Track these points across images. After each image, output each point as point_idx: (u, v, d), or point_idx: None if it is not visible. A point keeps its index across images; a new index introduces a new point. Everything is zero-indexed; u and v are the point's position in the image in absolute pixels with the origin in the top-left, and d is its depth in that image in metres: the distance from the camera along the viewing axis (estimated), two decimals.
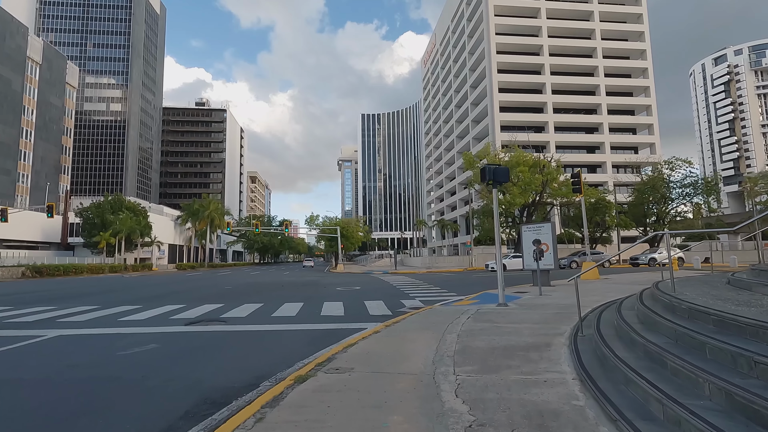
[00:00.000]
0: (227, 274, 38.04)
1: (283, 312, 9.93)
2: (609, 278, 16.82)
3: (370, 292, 15.18)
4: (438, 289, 15.83)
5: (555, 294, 11.55)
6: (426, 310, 9.16)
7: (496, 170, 9.45)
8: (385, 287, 17.48)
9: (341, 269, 44.79)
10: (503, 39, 64.84)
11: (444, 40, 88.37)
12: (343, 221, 52.00)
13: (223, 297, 14.22)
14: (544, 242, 14.06)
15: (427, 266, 44.01)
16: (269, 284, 20.92)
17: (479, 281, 19.79)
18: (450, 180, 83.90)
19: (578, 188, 16.56)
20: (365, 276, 29.80)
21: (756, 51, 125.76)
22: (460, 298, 12.39)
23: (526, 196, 33.84)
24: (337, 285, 19.50)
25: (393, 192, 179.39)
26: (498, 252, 9.44)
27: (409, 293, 14.39)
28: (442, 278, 23.05)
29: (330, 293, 15.04)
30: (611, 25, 66.93)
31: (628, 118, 66.79)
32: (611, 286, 13.29)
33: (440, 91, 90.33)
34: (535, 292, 12.19)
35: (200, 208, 57.39)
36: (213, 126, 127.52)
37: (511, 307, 8.98)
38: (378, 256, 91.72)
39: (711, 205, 38.18)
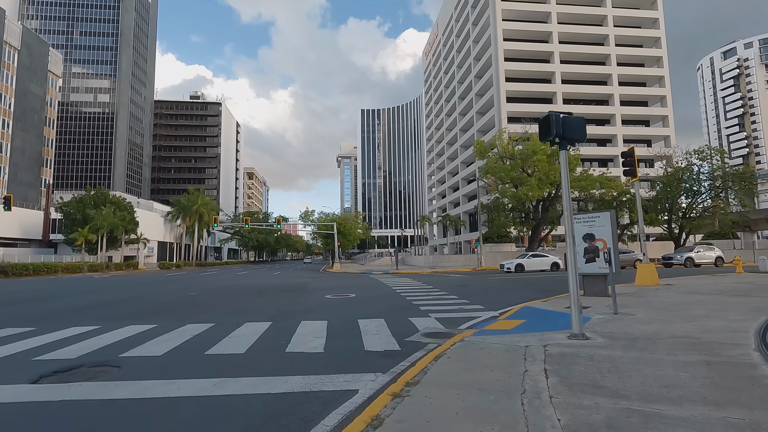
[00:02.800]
0: (211, 274, 34.54)
1: (229, 344, 6.40)
2: (672, 284, 13.32)
3: (368, 303, 11.67)
4: (454, 298, 12.32)
5: (635, 311, 8.03)
6: (456, 345, 5.65)
7: (567, 121, 5.94)
8: (387, 294, 13.96)
9: (338, 269, 41.30)
10: (510, 25, 61.31)
11: (447, 29, 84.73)
12: (340, 217, 48.40)
13: (168, 310, 10.71)
14: (599, 237, 10.52)
15: (431, 266, 40.52)
16: (246, 289, 17.40)
17: (501, 286, 16.28)
18: (453, 175, 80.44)
19: (632, 170, 13.07)
20: (363, 277, 26.30)
21: (766, 44, 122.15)
22: (492, 315, 8.89)
23: (543, 188, 30.33)
24: (328, 290, 15.98)
25: (393, 189, 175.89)
26: (570, 250, 5.92)
27: (418, 305, 10.88)
28: (453, 281, 19.53)
29: (315, 304, 11.52)
30: (624, 11, 63.39)
31: (642, 110, 63.33)
32: (700, 299, 9.76)
33: (443, 83, 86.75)
34: (599, 307, 8.68)
35: (188, 203, 53.78)
36: (208, 120, 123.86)
37: (598, 342, 5.48)
38: (378, 254, 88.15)
39: (744, 201, 34.68)
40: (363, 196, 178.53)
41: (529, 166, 30.92)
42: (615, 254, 10.17)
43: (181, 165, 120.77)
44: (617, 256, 10.25)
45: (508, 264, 25.85)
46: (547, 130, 5.99)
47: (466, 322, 8.14)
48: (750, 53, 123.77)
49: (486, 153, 33.15)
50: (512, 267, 25.27)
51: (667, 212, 35.66)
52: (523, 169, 31.37)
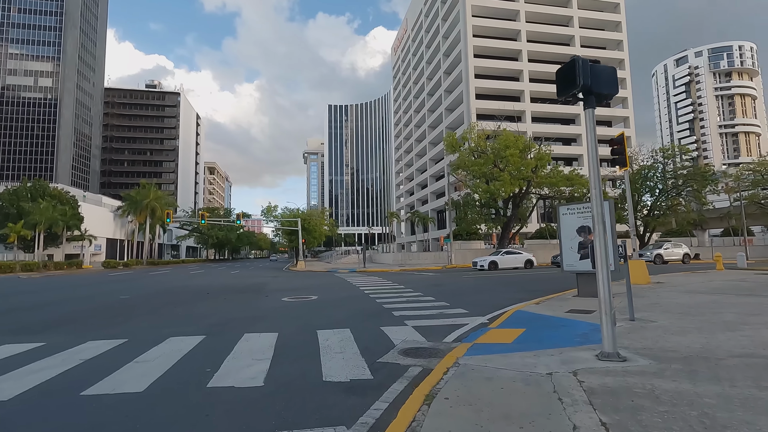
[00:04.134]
0: (161, 273, 31.57)
1: (129, 375, 4.54)
2: (662, 282, 12.41)
3: (332, 307, 9.95)
4: (431, 300, 10.80)
5: (652, 316, 6.75)
6: (452, 374, 4.08)
7: (597, 70, 4.49)
8: (354, 297, 12.28)
9: (302, 267, 39.13)
10: (480, 22, 60.94)
11: (416, 25, 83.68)
12: (305, 213, 46.03)
13: (76, 321, 8.57)
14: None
15: (399, 263, 39.12)
16: (192, 291, 15.21)
17: (480, 286, 14.97)
18: (421, 172, 79.63)
19: (622, 159, 12.03)
20: (328, 276, 24.47)
21: (715, 53, 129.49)
22: (480, 323, 7.39)
23: (515, 183, 29.55)
24: (287, 291, 14.11)
25: (361, 186, 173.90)
26: (599, 240, 4.46)
27: (391, 309, 9.27)
28: (426, 280, 18.10)
29: (268, 310, 9.68)
30: (589, 12, 64.51)
31: (605, 110, 64.56)
32: (712, 300, 8.70)
33: (411, 79, 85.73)
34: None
35: (139, 197, 49.71)
36: (166, 111, 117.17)
37: (643, 366, 4.04)
38: (344, 252, 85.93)
39: (704, 200, 35.47)
40: (330, 194, 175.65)
41: (502, 161, 30.07)
42: (615, 249, 8.96)
43: (136, 158, 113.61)
44: (617, 252, 9.04)
45: (481, 261, 24.78)
46: (568, 81, 4.52)
47: (451, 332, 6.60)
48: (700, 62, 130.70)
49: (456, 147, 32.05)
50: (486, 264, 24.22)
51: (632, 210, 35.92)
52: (495, 164, 30.50)
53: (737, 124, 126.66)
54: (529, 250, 31.10)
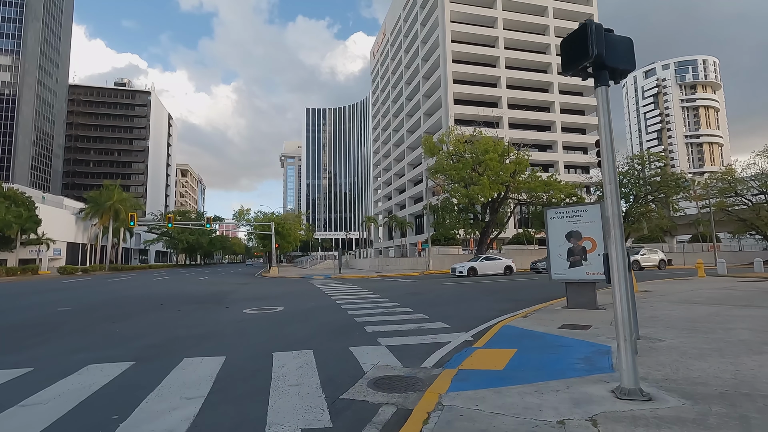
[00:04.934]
0: (121, 280, 29.52)
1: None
2: (650, 290, 11.86)
3: (297, 321, 8.86)
4: (407, 311, 9.86)
5: (657, 333, 5.99)
6: (435, 421, 3.11)
7: (612, 39, 3.66)
8: (324, 307, 11.21)
9: (275, 273, 37.62)
10: (458, 27, 61.09)
11: (395, 29, 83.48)
12: (279, 217, 44.33)
13: None
14: (587, 236, 8.61)
15: (376, 269, 38.12)
16: (145, 301, 13.78)
17: (460, 294, 14.15)
18: (399, 177, 79.11)
19: None
20: (301, 283, 23.24)
21: (681, 66, 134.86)
22: (465, 340, 6.48)
23: (495, 188, 29.10)
24: (252, 301, 12.90)
25: (338, 190, 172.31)
26: (616, 246, 3.60)
27: (363, 322, 8.27)
28: (403, 288, 17.17)
29: (222, 325, 8.51)
30: (564, 22, 65.58)
31: (580, 118, 65.79)
32: (714, 312, 8.06)
33: (390, 83, 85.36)
34: (600, 325, 6.61)
35: (101, 198, 46.96)
36: (136, 110, 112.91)
37: (677, 408, 3.18)
38: (321, 257, 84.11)
39: (676, 205, 36.02)
40: (307, 197, 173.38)
41: (481, 165, 29.59)
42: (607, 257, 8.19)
43: (103, 158, 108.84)
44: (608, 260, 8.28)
45: (460, 267, 24.06)
46: (577, 51, 3.67)
47: (431, 353, 5.66)
48: (667, 74, 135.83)
49: (435, 150, 31.42)
50: (464, 270, 23.51)
51: None
52: (474, 168, 30.00)
53: (702, 135, 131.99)
54: (508, 256, 30.70)
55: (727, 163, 44.35)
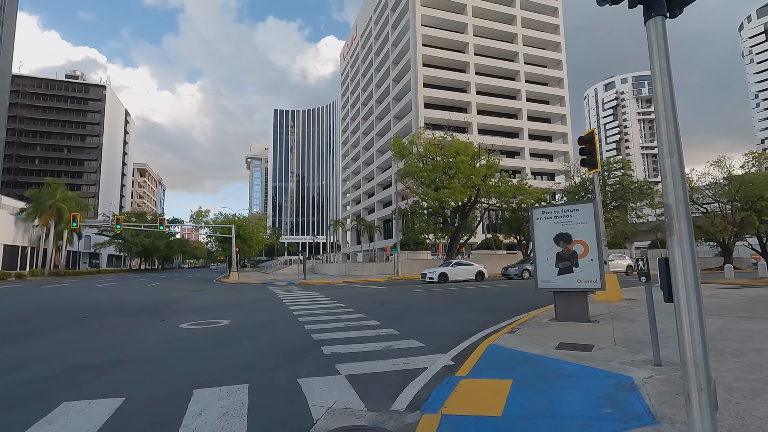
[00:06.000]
0: (58, 287, 26.56)
1: None
2: (634, 299, 11.10)
3: (239, 340, 7.35)
4: (375, 324, 8.55)
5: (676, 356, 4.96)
6: None
7: None
8: (278, 320, 9.73)
9: (234, 278, 35.35)
10: (429, 31, 60.87)
11: (366, 31, 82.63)
12: (240, 219, 41.86)
13: None
14: (578, 239, 7.62)
15: (343, 275, 36.60)
16: (68, 312, 11.78)
17: (433, 303, 12.98)
18: (368, 181, 77.94)
19: (592, 159, 10.67)
20: (260, 290, 21.45)
21: (638, 81, 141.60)
22: (445, 365, 5.24)
23: (466, 192, 28.36)
24: (195, 312, 11.20)
25: (306, 194, 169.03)
26: (680, 247, 2.42)
27: (322, 341, 6.90)
28: (371, 296, 15.86)
29: (145, 346, 6.90)
30: (532, 32, 66.84)
31: (546, 126, 67.03)
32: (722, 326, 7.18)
33: (360, 85, 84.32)
34: (604, 345, 5.55)
35: (43, 196, 42.92)
36: (89, 105, 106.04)
37: None
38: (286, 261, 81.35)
39: (639, 212, 36.67)
40: (274, 201, 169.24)
41: (451, 168, 28.81)
42: (601, 260, 7.27)
43: (51, 154, 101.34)
44: (603, 266, 7.36)
45: (430, 273, 23.00)
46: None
47: (404, 387, 4.38)
48: (625, 88, 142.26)
49: (404, 152, 30.42)
50: (435, 276, 22.47)
51: None
52: (444, 171, 29.18)
53: (656, 146, 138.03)
54: (477, 261, 30.04)
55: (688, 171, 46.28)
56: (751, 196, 38.62)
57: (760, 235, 44.15)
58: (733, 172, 41.70)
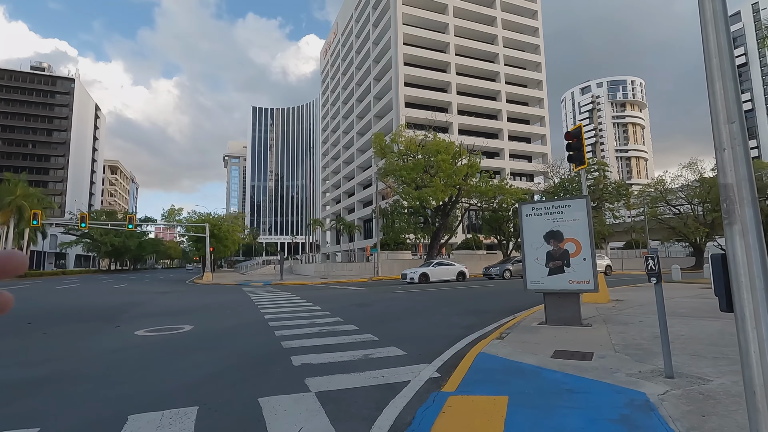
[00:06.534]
0: (10, 289, 24.84)
1: None
2: (621, 300, 10.78)
3: (199, 352, 6.57)
4: (352, 329, 7.89)
5: (695, 368, 4.46)
6: None
7: None
8: (247, 325, 8.95)
9: (208, 279, 34.02)
10: (410, 30, 60.49)
11: (346, 29, 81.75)
12: (215, 218, 40.33)
13: None
14: (569, 237, 7.15)
15: (321, 275, 35.72)
16: (13, 319, 10.65)
17: (414, 305, 12.39)
18: (348, 180, 77.06)
19: (579, 155, 10.29)
20: (234, 292, 20.46)
21: (612, 85, 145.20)
22: (430, 377, 4.62)
23: (447, 191, 27.96)
24: (157, 317, 10.28)
25: (285, 193, 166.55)
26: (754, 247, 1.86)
27: (292, 349, 6.20)
28: (349, 297, 15.18)
29: (91, 357, 6.07)
30: (512, 34, 67.36)
31: (525, 127, 67.61)
32: (712, 329, 6.85)
33: (341, 84, 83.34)
34: (605, 353, 5.04)
35: (2, 193, 40.39)
36: (56, 98, 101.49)
37: None
38: (264, 262, 79.58)
39: (616, 213, 37.14)
40: (252, 200, 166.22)
41: (432, 167, 28.37)
42: (593, 259, 6.82)
43: (14, 150, 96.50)
44: (595, 266, 6.91)
45: (411, 273, 22.45)
46: None
47: (384, 407, 3.75)
48: (601, 92, 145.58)
49: (385, 149, 29.84)
50: (416, 277, 21.93)
51: None
52: (425, 169, 28.72)
53: (630, 150, 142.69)
54: (458, 261, 29.70)
55: (658, 174, 47.50)
56: None
57: None
58: (705, 174, 42.85)
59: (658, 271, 4.05)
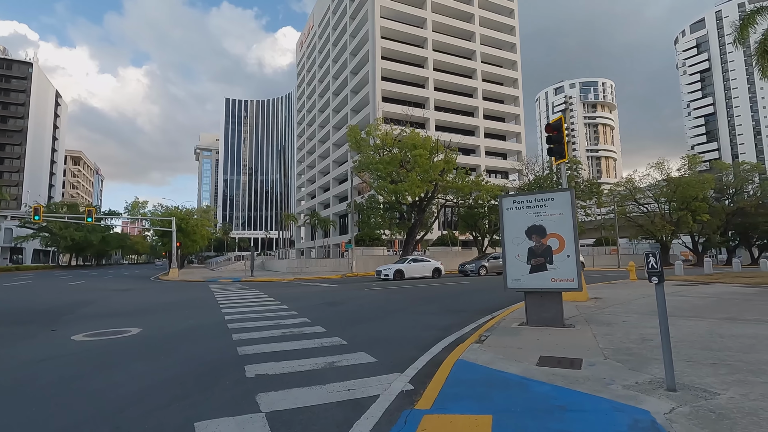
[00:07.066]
0: None
1: None
2: (600, 298, 10.52)
3: (141, 360, 5.77)
4: (319, 332, 7.24)
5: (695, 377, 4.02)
6: None
7: None
8: (204, 328, 8.16)
9: (174, 275, 32.53)
10: (388, 24, 59.72)
11: (323, 20, 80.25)
12: (182, 212, 38.41)
13: None
14: (552, 232, 6.71)
15: (294, 272, 34.74)
16: None
17: (388, 304, 11.82)
18: (324, 175, 75.87)
19: (560, 148, 9.96)
20: (198, 289, 19.38)
21: (585, 87, 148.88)
22: (403, 390, 4.03)
23: (423, 186, 27.52)
24: (102, 319, 9.32)
25: (259, 188, 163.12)
26: None
27: (248, 359, 5.50)
28: (320, 295, 14.49)
29: (4, 368, 5.16)
30: (489, 31, 67.60)
31: (500, 124, 68.09)
32: (701, 329, 6.55)
33: (317, 77, 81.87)
34: (595, 359, 4.58)
35: None
36: (12, 83, 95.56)
37: None
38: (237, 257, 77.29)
39: (588, 211, 37.72)
40: (225, 194, 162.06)
41: (409, 161, 27.87)
42: (577, 256, 6.40)
43: None
44: (579, 263, 6.50)
45: (386, 270, 21.89)
46: None
47: (348, 429, 3.14)
48: (573, 92, 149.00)
49: (360, 142, 29.13)
50: (390, 273, 21.38)
51: None
52: (402, 164, 28.19)
53: (600, 150, 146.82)
54: (434, 258, 29.38)
55: (628, 173, 49.10)
56: (687, 197, 40.97)
57: (693, 233, 47.19)
58: (671, 174, 44.19)
59: (660, 269, 3.58)
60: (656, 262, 3.57)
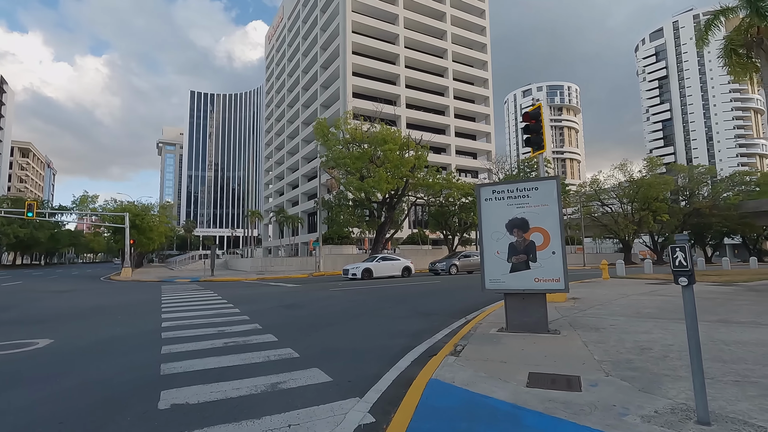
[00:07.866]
0: None
1: None
2: (578, 297, 9.95)
3: (29, 382, 4.55)
4: (268, 342, 6.20)
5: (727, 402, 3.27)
6: None
7: None
8: (130, 339, 6.94)
9: (127, 275, 30.26)
10: (359, 18, 58.60)
11: (293, 13, 78.13)
12: (136, 207, 35.70)
13: None
14: (536, 226, 5.95)
15: (258, 271, 33.14)
16: None
17: (352, 306, 10.84)
18: (292, 171, 73.89)
19: (538, 139, 9.32)
20: (146, 290, 17.73)
21: (551, 90, 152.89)
22: (359, 425, 3.09)
23: (393, 182, 26.67)
24: (10, 327, 7.87)
25: (225, 184, 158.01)
26: None
27: (170, 379, 4.41)
28: (279, 297, 13.34)
29: None
30: (461, 31, 67.70)
31: (470, 124, 68.35)
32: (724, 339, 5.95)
33: (286, 71, 79.62)
34: (602, 380, 3.79)
35: None
36: None
37: None
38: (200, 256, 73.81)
39: None
40: (189, 190, 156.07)
41: (379, 157, 26.97)
42: (563, 254, 5.66)
43: None
44: (566, 261, 5.76)
45: (353, 269, 20.87)
46: None
47: None
48: (541, 95, 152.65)
49: (328, 135, 27.98)
50: (358, 272, 20.39)
51: None
52: (371, 159, 27.25)
53: (565, 152, 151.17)
54: (404, 256, 28.64)
55: (593, 174, 50.62)
56: (648, 197, 42.23)
57: (652, 233, 48.84)
58: (634, 176, 45.50)
59: (690, 268, 2.80)
60: (685, 258, 2.79)
